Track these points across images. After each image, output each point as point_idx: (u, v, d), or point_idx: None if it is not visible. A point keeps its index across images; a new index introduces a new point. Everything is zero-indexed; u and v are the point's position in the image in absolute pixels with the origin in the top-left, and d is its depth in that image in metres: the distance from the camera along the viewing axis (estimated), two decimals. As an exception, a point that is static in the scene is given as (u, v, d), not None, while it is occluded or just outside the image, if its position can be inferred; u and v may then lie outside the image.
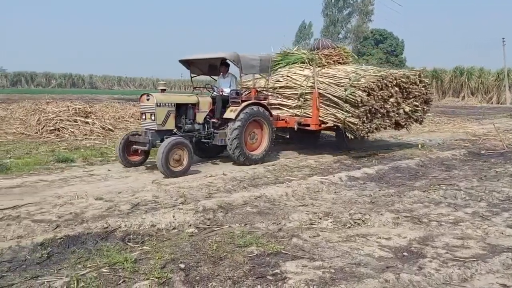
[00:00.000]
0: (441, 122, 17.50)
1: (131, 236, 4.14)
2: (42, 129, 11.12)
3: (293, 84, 9.58)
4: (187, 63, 8.80)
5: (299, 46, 10.96)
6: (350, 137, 8.80)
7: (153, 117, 7.29)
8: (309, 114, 9.04)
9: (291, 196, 5.76)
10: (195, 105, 7.98)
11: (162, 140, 7.15)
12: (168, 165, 6.80)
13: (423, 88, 9.72)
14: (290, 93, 9.60)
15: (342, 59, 10.18)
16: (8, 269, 3.34)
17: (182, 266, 3.45)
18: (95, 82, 62.01)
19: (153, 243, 3.98)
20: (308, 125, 9.00)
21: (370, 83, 8.41)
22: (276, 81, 9.94)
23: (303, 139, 10.46)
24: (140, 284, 3.12)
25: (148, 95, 7.50)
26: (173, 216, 4.66)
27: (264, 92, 9.17)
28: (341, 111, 8.54)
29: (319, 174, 7.19)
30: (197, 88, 9.19)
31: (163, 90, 7.95)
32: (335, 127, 9.13)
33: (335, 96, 8.63)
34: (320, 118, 8.91)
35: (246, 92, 9.13)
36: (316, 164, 8.23)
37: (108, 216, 4.73)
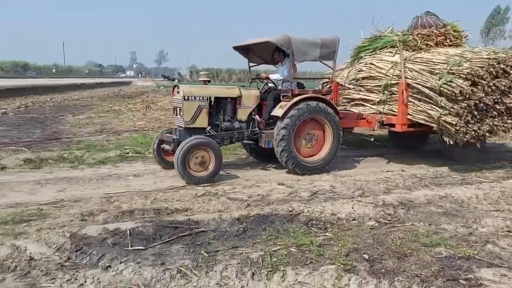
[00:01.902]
0: None
1: (314, 221, 4.34)
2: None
3: (377, 74, 7.68)
4: (243, 50, 7.48)
5: (392, 28, 8.37)
6: (448, 142, 6.77)
7: (181, 113, 6.43)
8: (395, 111, 7.19)
9: (482, 199, 5.21)
10: (235, 99, 6.77)
11: None
12: (186, 169, 5.90)
13: None
14: (373, 85, 7.73)
15: (450, 40, 7.86)
16: (213, 238, 3.87)
17: (366, 256, 3.48)
18: (267, 75, 66.52)
19: (335, 231, 4.10)
20: (393, 125, 7.20)
21: (477, 68, 6.25)
22: (359, 71, 8.09)
23: (401, 142, 8.73)
24: (326, 267, 3.26)
25: (178, 87, 6.57)
26: (352, 208, 4.70)
27: (343, 84, 7.73)
28: (436, 107, 6.57)
29: (517, 178, 6.33)
30: (255, 79, 7.73)
31: (205, 82, 7.00)
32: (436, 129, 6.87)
33: (426, 87, 6.65)
34: (409, 117, 7.00)
35: (327, 86, 7.94)
36: (512, 166, 7.26)
37: (291, 200, 5.06)
